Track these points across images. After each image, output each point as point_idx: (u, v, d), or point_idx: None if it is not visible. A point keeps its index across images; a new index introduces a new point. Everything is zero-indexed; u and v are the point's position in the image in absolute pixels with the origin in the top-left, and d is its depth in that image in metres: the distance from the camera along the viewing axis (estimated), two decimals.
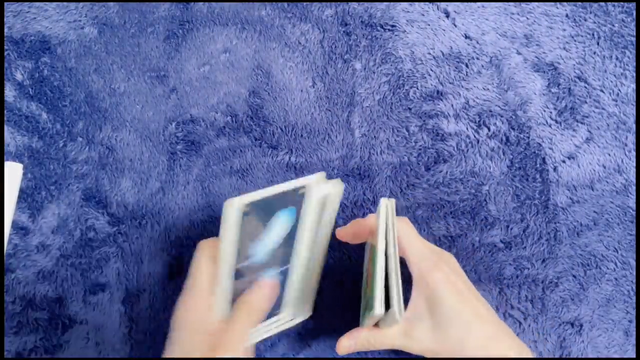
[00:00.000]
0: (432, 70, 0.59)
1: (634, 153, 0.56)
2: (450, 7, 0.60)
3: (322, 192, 0.40)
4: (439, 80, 0.59)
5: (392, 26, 0.60)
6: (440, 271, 0.42)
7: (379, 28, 0.60)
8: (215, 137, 0.59)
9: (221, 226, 0.39)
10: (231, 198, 0.38)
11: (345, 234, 0.47)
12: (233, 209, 0.38)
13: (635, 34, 0.59)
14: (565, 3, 0.61)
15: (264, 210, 0.40)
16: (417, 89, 0.59)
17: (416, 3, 0.61)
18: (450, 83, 0.59)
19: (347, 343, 0.44)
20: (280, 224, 0.42)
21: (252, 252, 0.42)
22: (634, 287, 0.54)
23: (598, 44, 0.59)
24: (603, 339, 0.53)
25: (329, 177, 0.57)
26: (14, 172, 0.57)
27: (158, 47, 0.61)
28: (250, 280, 0.44)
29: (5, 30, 0.62)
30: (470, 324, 0.41)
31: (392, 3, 0.61)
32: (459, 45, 0.60)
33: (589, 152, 0.56)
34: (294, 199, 0.40)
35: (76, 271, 0.56)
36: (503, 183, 0.56)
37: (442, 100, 0.58)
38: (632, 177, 0.56)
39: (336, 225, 0.47)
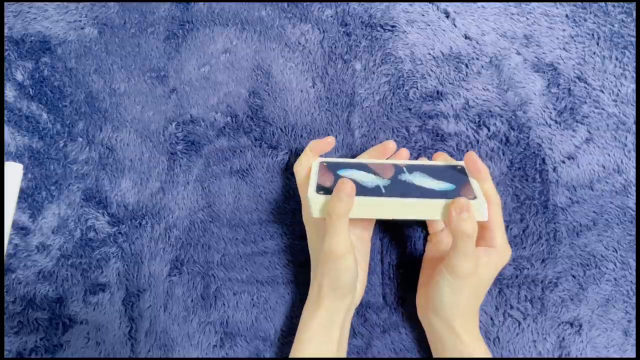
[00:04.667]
0: (432, 70, 0.59)
1: (633, 153, 0.56)
2: (450, 7, 0.60)
3: None
4: (438, 80, 0.59)
5: (392, 26, 0.60)
6: (495, 260, 0.48)
7: (379, 28, 0.60)
8: (215, 137, 0.59)
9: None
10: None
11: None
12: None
13: (635, 34, 0.59)
14: (565, 3, 0.61)
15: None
16: (417, 89, 0.59)
17: (416, 3, 0.61)
18: (450, 83, 0.59)
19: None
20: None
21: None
22: (634, 287, 0.54)
23: (598, 44, 0.59)
24: (602, 339, 0.53)
25: None
26: (14, 172, 0.57)
27: (158, 47, 0.61)
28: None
29: (6, 30, 0.62)
30: (459, 305, 0.47)
31: (392, 3, 0.61)
32: (459, 46, 0.60)
33: (589, 152, 0.57)
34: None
35: (76, 271, 0.56)
36: (503, 183, 0.56)
37: (442, 100, 0.58)
38: (632, 177, 0.56)
39: None
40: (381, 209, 0.46)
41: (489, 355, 0.47)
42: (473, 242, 0.45)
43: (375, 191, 0.47)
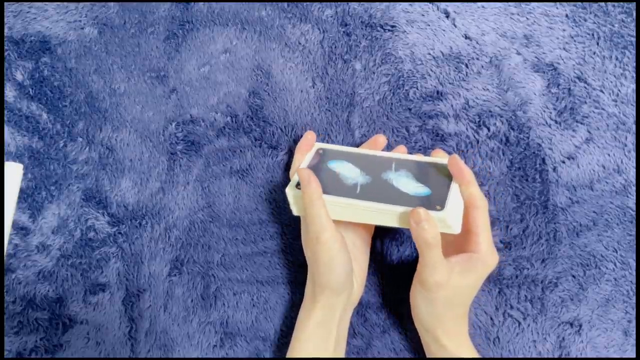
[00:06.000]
0: (432, 70, 0.59)
1: (633, 153, 0.56)
2: (450, 7, 0.60)
3: None
4: (438, 80, 0.59)
5: (392, 26, 0.60)
6: (477, 270, 0.47)
7: (379, 28, 0.60)
8: (215, 137, 0.59)
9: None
10: None
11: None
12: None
13: (635, 34, 0.59)
14: (565, 3, 0.61)
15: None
16: (417, 89, 0.59)
17: (416, 3, 0.61)
18: (450, 83, 0.59)
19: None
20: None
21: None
22: (633, 287, 0.54)
23: (598, 44, 0.59)
24: (602, 339, 0.53)
25: None
26: (14, 172, 0.57)
27: (158, 47, 0.61)
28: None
29: (6, 30, 0.62)
30: (441, 312, 0.47)
31: (392, 3, 0.61)
32: (459, 46, 0.60)
33: (589, 152, 0.57)
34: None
35: (76, 271, 0.56)
36: (503, 183, 0.56)
37: (442, 100, 0.58)
38: (632, 177, 0.56)
39: None
40: (350, 211, 0.47)
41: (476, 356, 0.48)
42: (438, 251, 0.44)
43: (349, 190, 0.48)
